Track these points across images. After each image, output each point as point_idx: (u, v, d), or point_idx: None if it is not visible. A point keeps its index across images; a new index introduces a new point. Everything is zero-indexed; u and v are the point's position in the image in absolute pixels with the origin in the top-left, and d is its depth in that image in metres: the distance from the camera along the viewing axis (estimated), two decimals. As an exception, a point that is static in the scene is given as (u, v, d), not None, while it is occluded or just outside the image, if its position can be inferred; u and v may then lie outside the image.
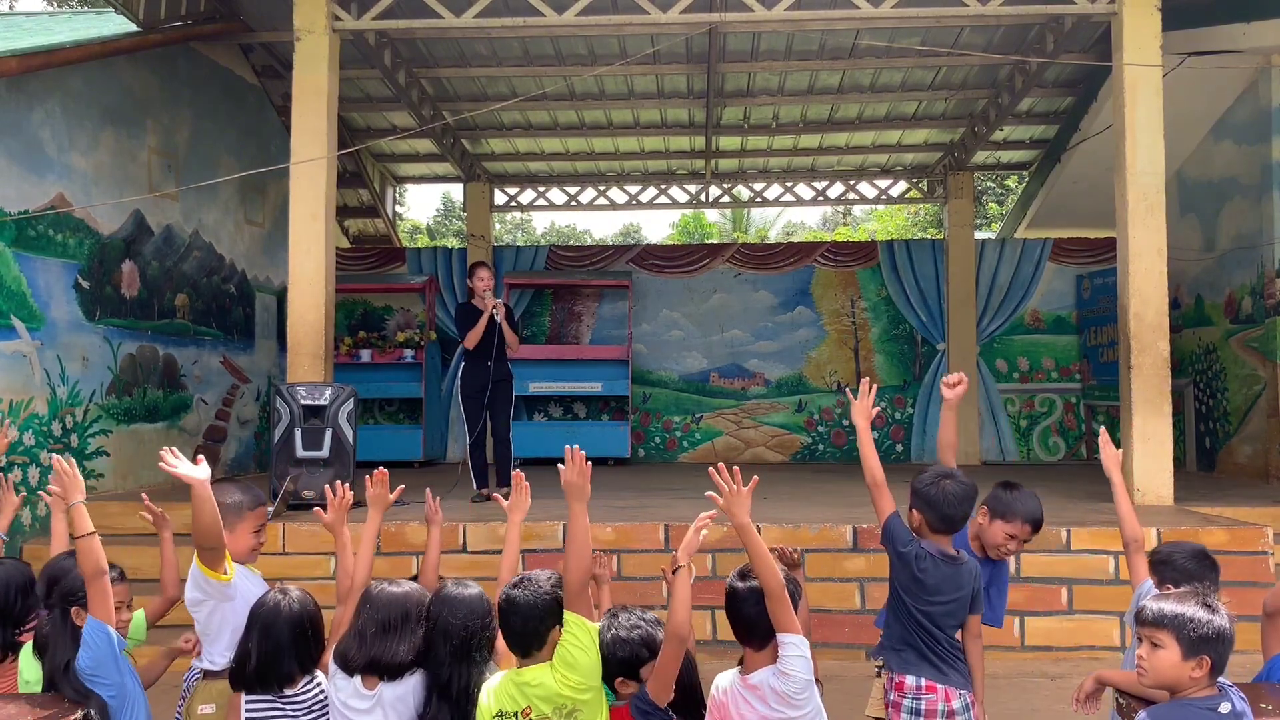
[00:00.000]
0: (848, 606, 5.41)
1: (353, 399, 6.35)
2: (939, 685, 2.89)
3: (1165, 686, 2.37)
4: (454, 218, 27.01)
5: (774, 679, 2.53)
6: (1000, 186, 20.48)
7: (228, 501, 3.11)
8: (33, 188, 6.55)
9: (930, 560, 2.95)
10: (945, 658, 2.92)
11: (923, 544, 2.98)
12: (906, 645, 2.98)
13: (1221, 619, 2.32)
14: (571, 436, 10.67)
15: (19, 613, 3.14)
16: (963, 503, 2.95)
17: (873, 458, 3.05)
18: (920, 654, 2.94)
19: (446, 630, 2.63)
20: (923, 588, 2.94)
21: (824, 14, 7.17)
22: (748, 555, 2.61)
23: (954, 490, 2.94)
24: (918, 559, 2.95)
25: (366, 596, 2.75)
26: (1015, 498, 3.24)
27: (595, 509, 6.06)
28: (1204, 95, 8.43)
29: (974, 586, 2.99)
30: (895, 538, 3.01)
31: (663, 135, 11.36)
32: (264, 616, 2.80)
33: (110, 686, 2.77)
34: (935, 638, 2.93)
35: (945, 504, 2.93)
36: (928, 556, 2.96)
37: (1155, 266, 6.59)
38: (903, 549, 2.98)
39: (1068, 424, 11.29)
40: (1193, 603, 2.36)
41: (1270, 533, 5.39)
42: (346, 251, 12.07)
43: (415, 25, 7.34)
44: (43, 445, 6.53)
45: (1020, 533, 3.22)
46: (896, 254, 11.57)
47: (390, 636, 2.64)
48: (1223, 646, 2.31)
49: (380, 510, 3.23)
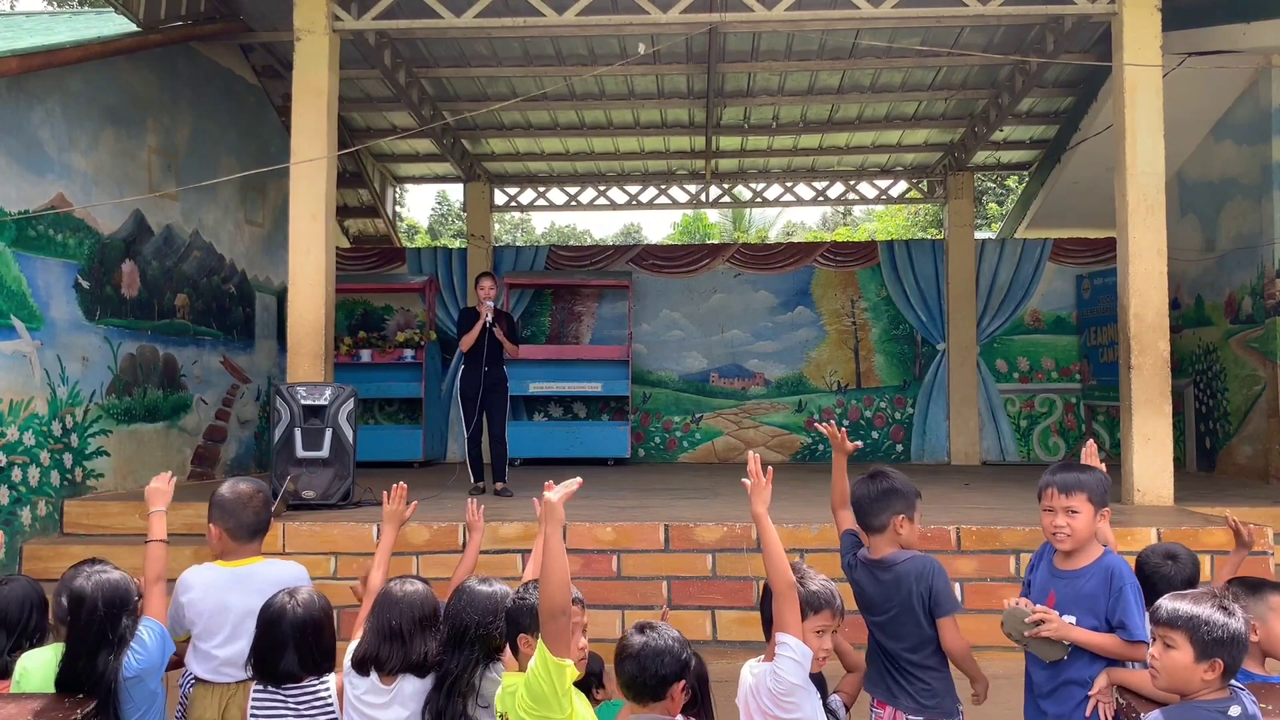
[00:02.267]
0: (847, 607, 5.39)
1: (353, 399, 6.35)
2: (887, 705, 2.85)
3: (1176, 688, 2.32)
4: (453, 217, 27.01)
5: (769, 677, 2.54)
6: (1000, 186, 20.48)
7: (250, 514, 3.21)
8: (33, 188, 6.54)
9: (862, 570, 2.95)
10: (899, 677, 2.83)
11: (858, 553, 2.98)
12: (871, 662, 2.98)
13: (1237, 622, 2.27)
14: (571, 436, 10.68)
15: (32, 630, 3.14)
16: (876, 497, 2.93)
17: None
18: (878, 670, 2.92)
19: (464, 623, 2.69)
20: (864, 600, 2.95)
21: (824, 14, 7.17)
22: (762, 549, 2.67)
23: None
24: (849, 569, 2.99)
25: (389, 599, 2.77)
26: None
27: (595, 509, 6.09)
28: (1204, 95, 8.43)
29: (922, 588, 2.80)
30: (842, 550, 3.07)
31: (663, 135, 11.36)
32: (269, 616, 2.82)
33: (151, 695, 2.81)
34: (889, 654, 2.86)
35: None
36: (859, 565, 2.95)
37: (1155, 266, 6.58)
38: (843, 561, 3.04)
39: (1068, 424, 11.29)
40: (1208, 604, 2.30)
41: (1270, 533, 5.38)
42: (346, 251, 12.08)
43: (415, 25, 7.34)
44: (43, 445, 6.53)
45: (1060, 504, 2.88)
46: (896, 254, 11.57)
47: (420, 635, 2.70)
48: (1236, 649, 2.26)
49: (396, 525, 3.34)
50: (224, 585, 3.07)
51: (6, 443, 6.17)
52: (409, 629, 2.69)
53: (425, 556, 5.37)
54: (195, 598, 3.05)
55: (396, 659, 2.67)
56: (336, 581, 5.37)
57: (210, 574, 3.10)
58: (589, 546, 5.39)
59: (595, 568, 5.32)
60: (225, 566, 3.13)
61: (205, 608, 3.04)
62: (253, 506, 3.18)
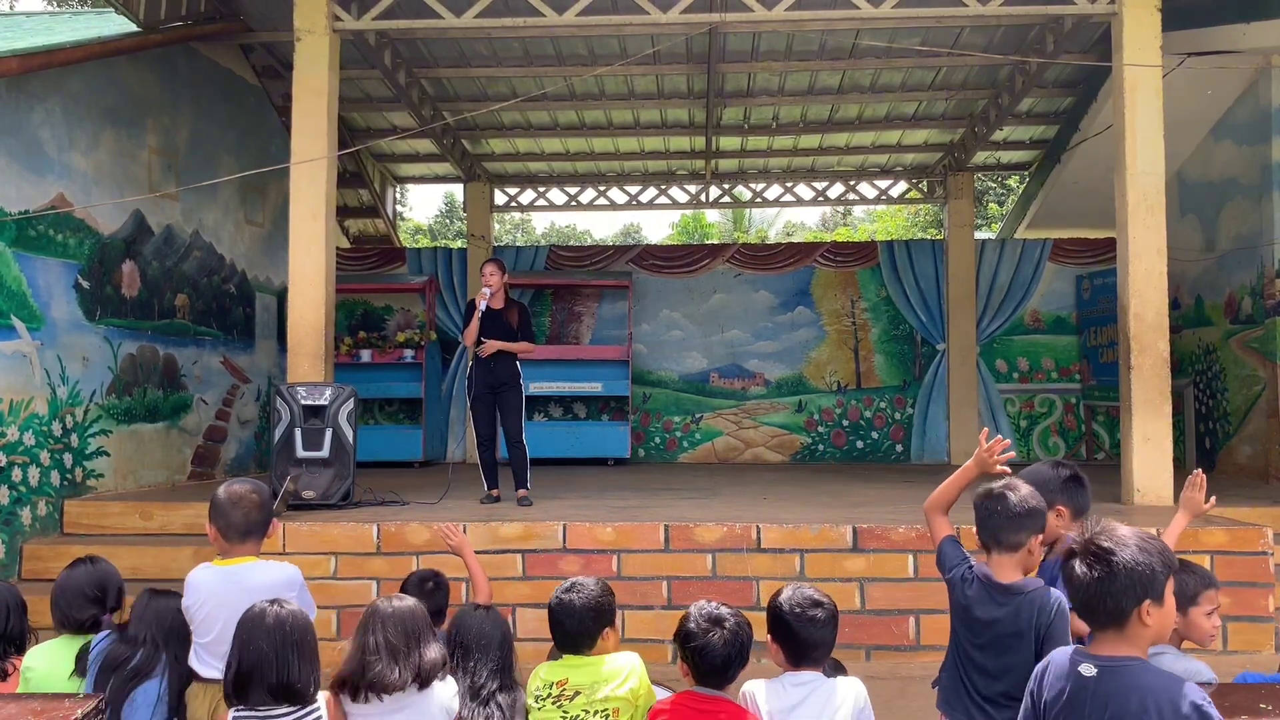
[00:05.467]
0: (848, 607, 5.39)
1: (353, 399, 6.35)
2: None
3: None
4: (456, 218, 27.01)
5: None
6: (1001, 186, 20.48)
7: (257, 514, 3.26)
8: (33, 188, 6.54)
9: (978, 588, 2.65)
10: (988, 707, 2.61)
11: (973, 566, 2.72)
12: (955, 678, 2.72)
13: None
14: (571, 436, 10.68)
15: (16, 634, 3.15)
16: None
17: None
18: (956, 691, 2.69)
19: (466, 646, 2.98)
20: (967, 619, 2.67)
21: (824, 14, 7.17)
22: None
23: None
24: (963, 582, 2.70)
25: (377, 615, 2.73)
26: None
27: (595, 509, 6.10)
28: (1204, 95, 8.43)
29: (1044, 621, 2.53)
30: (943, 562, 2.79)
31: (663, 135, 11.35)
32: (246, 628, 2.70)
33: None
34: (981, 677, 2.62)
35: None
36: (975, 581, 2.67)
37: (1155, 266, 6.58)
38: (948, 574, 2.75)
39: (1068, 424, 11.29)
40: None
41: (1270, 533, 5.39)
42: (346, 251, 12.08)
43: (415, 25, 7.34)
44: (43, 445, 6.53)
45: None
46: (896, 254, 11.57)
47: (416, 646, 2.71)
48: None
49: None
50: (216, 583, 3.09)
51: (7, 443, 6.17)
52: (400, 643, 2.67)
53: (425, 557, 5.37)
54: (194, 600, 3.07)
55: (389, 673, 2.63)
56: (337, 582, 5.38)
57: (206, 573, 3.13)
58: (589, 546, 5.39)
59: (595, 568, 5.32)
60: (219, 566, 3.15)
61: (203, 606, 3.06)
62: (243, 507, 3.16)
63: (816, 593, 2.76)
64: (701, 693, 2.60)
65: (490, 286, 6.44)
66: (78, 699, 2.66)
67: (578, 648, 2.83)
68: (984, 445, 2.79)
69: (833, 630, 2.72)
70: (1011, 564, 2.63)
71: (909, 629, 5.23)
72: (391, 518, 5.66)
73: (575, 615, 2.82)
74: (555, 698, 2.73)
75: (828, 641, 2.71)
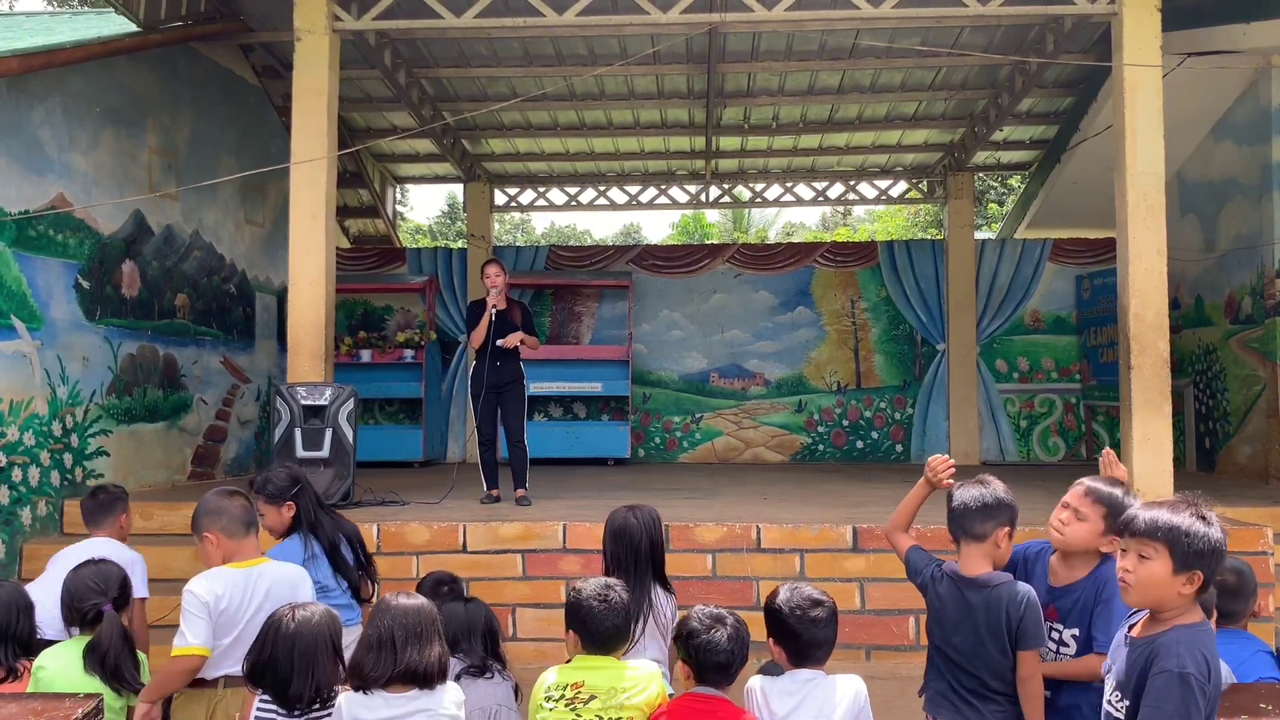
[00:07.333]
0: (848, 607, 5.40)
1: (353, 399, 6.35)
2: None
3: (1150, 603, 2.15)
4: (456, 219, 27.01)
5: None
6: (1002, 186, 20.47)
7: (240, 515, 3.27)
8: (33, 188, 6.54)
9: (947, 585, 2.75)
10: (972, 700, 2.68)
11: (942, 565, 2.81)
12: (939, 679, 2.79)
13: (1217, 531, 2.10)
14: (571, 436, 10.69)
15: (21, 633, 3.16)
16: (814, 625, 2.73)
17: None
18: (943, 692, 2.76)
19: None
20: (941, 617, 2.75)
21: (824, 14, 7.16)
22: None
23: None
24: (934, 581, 2.80)
25: (387, 610, 2.69)
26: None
27: (595, 509, 6.09)
28: (1204, 95, 8.43)
29: (1015, 615, 2.64)
30: (913, 570, 2.90)
31: (663, 135, 11.35)
32: (287, 630, 2.70)
33: None
34: (965, 675, 2.70)
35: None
36: (945, 579, 2.77)
37: (1155, 266, 6.58)
38: (919, 579, 2.85)
39: (1068, 424, 11.29)
40: (1187, 513, 2.12)
41: (1270, 533, 5.39)
42: (346, 251, 12.08)
43: (415, 25, 7.33)
44: (43, 445, 6.53)
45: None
46: (896, 254, 11.58)
47: (418, 644, 2.64)
48: (1215, 561, 2.09)
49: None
50: (240, 585, 3.11)
51: (7, 443, 6.17)
52: (400, 639, 2.62)
53: (425, 557, 5.37)
54: (225, 604, 3.06)
55: (386, 669, 2.60)
56: (336, 581, 5.37)
57: (228, 576, 3.13)
58: (589, 546, 5.38)
59: (595, 568, 5.30)
60: (237, 569, 3.16)
61: (229, 609, 3.07)
62: (237, 500, 3.26)
63: (815, 592, 2.77)
64: (701, 693, 2.61)
65: (497, 287, 6.50)
66: (78, 699, 2.66)
67: (609, 648, 2.75)
68: (929, 464, 2.99)
69: (834, 629, 2.74)
70: (980, 555, 2.76)
71: (909, 629, 5.24)
72: (391, 518, 5.66)
73: (617, 612, 2.73)
74: (569, 700, 2.65)
75: (830, 640, 2.73)
